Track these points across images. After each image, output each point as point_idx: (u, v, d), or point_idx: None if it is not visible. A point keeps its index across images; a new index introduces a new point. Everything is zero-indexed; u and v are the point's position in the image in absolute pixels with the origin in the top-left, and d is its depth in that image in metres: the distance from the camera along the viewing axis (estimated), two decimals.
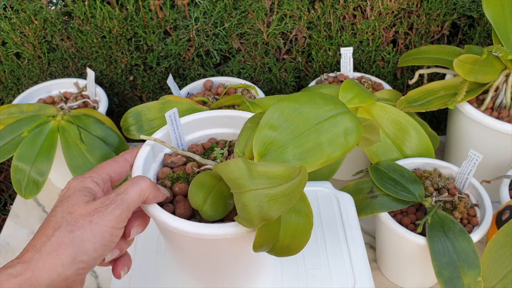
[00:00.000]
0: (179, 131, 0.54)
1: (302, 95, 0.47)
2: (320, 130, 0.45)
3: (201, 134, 0.57)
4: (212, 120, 0.56)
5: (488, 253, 0.55)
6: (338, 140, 0.45)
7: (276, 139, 0.45)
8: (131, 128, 0.75)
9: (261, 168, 0.41)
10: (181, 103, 0.76)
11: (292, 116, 0.46)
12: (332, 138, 0.45)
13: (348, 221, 0.65)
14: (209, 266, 0.53)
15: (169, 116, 0.52)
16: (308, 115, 0.46)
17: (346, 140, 0.45)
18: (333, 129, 0.45)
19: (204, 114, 0.56)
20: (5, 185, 1.10)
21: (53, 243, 0.37)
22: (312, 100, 0.47)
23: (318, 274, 0.59)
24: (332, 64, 0.94)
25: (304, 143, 0.45)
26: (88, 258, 0.37)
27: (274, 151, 0.45)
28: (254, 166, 0.41)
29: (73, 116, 0.76)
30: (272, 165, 0.42)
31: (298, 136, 0.45)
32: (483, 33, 0.90)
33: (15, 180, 0.70)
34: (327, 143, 0.45)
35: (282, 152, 0.45)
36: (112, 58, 0.92)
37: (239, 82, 0.87)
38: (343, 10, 0.88)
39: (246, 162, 0.41)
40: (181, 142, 0.55)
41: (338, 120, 0.46)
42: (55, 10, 0.86)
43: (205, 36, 0.90)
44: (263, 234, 0.42)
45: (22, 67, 0.92)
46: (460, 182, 0.69)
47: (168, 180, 0.50)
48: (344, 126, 0.46)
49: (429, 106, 0.75)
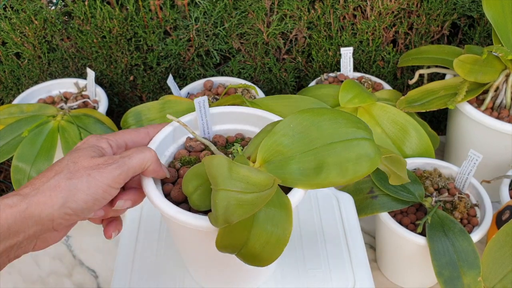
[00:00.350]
0: (206, 118, 0.54)
1: (328, 111, 0.45)
2: (331, 150, 0.43)
3: (230, 127, 0.57)
4: (241, 116, 0.56)
5: (488, 253, 0.55)
6: (346, 166, 0.43)
7: (285, 149, 0.45)
8: (131, 128, 0.75)
9: (243, 171, 0.41)
10: (181, 103, 0.76)
11: (308, 129, 0.45)
12: (340, 162, 0.43)
13: (348, 221, 0.65)
14: (205, 261, 0.53)
15: (198, 102, 0.53)
16: (324, 133, 0.44)
17: (356, 168, 0.43)
18: (344, 153, 0.43)
19: (232, 109, 0.56)
20: (5, 185, 1.10)
21: (51, 184, 0.39)
22: (334, 118, 0.45)
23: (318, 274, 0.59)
24: (332, 64, 0.94)
25: (310, 160, 0.44)
26: (76, 207, 0.39)
27: (279, 160, 0.45)
28: (237, 168, 0.41)
29: (73, 116, 0.76)
30: (256, 171, 0.41)
31: (307, 152, 0.44)
32: (483, 33, 0.90)
33: (15, 180, 0.70)
34: (333, 166, 0.43)
35: (286, 163, 0.44)
36: (112, 58, 0.92)
37: (239, 82, 0.87)
38: (343, 10, 0.88)
39: (229, 162, 0.41)
40: (207, 130, 0.55)
41: (354, 145, 0.44)
42: (55, 10, 0.86)
43: (205, 36, 0.90)
44: (225, 236, 0.42)
45: (22, 67, 0.92)
46: (460, 182, 0.69)
47: (179, 162, 0.51)
48: (358, 152, 0.43)
49: (429, 106, 0.75)
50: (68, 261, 0.76)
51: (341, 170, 0.43)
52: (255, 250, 0.43)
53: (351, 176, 0.43)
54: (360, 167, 0.43)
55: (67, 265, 0.75)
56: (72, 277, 0.74)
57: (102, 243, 0.78)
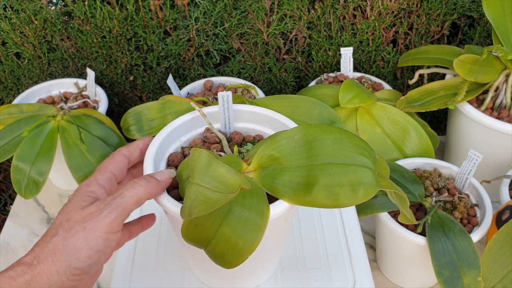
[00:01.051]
0: (229, 113, 0.55)
1: (336, 130, 0.44)
2: (325, 171, 0.42)
3: (251, 127, 0.57)
4: (263, 118, 0.56)
5: (488, 253, 0.55)
6: (336, 190, 0.41)
7: (283, 158, 0.44)
8: (131, 128, 0.75)
9: (221, 170, 0.40)
10: (181, 103, 0.76)
11: (311, 144, 0.44)
12: (332, 185, 0.41)
13: (348, 221, 0.65)
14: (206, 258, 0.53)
15: (222, 96, 0.53)
16: (325, 151, 0.43)
17: (346, 194, 0.41)
18: (338, 176, 0.42)
19: (256, 109, 0.56)
20: (5, 185, 1.10)
21: (50, 249, 0.37)
22: (340, 139, 0.44)
23: (318, 274, 0.59)
24: (332, 64, 0.94)
25: (303, 175, 0.43)
26: (82, 265, 0.38)
27: (273, 169, 0.44)
28: (216, 165, 0.41)
29: (73, 116, 0.76)
30: (233, 173, 0.41)
31: (302, 166, 0.43)
32: (483, 33, 0.90)
33: (15, 180, 0.70)
34: (323, 187, 0.42)
35: (279, 173, 0.44)
36: (112, 58, 0.92)
37: (239, 82, 0.87)
38: (343, 10, 0.88)
39: (209, 158, 0.41)
40: (229, 126, 0.56)
41: (351, 170, 0.42)
42: (55, 10, 0.86)
43: (205, 36, 0.90)
44: (190, 228, 0.42)
45: (22, 67, 0.92)
46: (460, 182, 0.69)
47: (188, 149, 0.52)
48: (353, 179, 0.41)
49: (429, 106, 0.75)
50: None
51: (330, 193, 0.41)
52: (219, 250, 0.42)
53: (340, 201, 0.41)
54: (351, 194, 0.41)
55: None
56: None
57: None
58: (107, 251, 0.39)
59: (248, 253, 0.42)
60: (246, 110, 0.56)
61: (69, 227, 0.38)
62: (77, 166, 0.71)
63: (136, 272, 0.59)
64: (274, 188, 0.43)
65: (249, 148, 0.52)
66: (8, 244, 0.78)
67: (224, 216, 0.42)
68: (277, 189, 0.43)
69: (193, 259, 0.56)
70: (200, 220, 0.42)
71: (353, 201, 0.41)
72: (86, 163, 0.72)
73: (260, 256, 0.53)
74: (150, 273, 0.59)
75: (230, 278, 0.56)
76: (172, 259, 0.60)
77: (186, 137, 0.55)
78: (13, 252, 0.77)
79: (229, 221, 0.42)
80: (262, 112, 0.55)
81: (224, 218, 0.42)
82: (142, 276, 0.58)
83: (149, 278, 0.58)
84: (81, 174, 0.71)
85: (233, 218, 0.42)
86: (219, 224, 0.42)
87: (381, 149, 0.75)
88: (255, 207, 0.42)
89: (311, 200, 0.42)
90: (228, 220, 0.42)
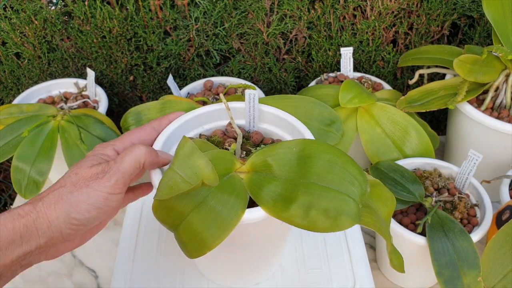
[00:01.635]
0: (254, 112, 0.55)
1: (333, 150, 0.43)
2: (307, 189, 0.41)
3: (275, 131, 0.57)
4: (286, 124, 0.55)
5: (488, 253, 0.55)
6: (311, 213, 0.40)
7: (276, 167, 0.44)
8: (131, 128, 0.75)
9: (200, 162, 0.42)
10: (181, 103, 0.76)
11: (305, 160, 0.44)
12: (308, 205, 0.40)
13: None
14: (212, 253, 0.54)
15: (249, 94, 0.54)
16: (315, 170, 0.43)
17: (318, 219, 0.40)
18: (316, 198, 0.41)
19: (281, 114, 0.56)
20: (5, 185, 1.10)
21: (55, 196, 0.41)
22: (333, 162, 0.43)
23: (318, 274, 0.59)
24: (332, 64, 0.94)
25: (288, 189, 0.42)
26: (81, 217, 0.41)
27: (264, 175, 0.44)
28: (197, 157, 0.42)
29: (73, 116, 0.76)
30: (210, 167, 0.41)
31: (290, 180, 0.43)
32: (483, 33, 0.90)
33: (15, 180, 0.70)
34: (300, 206, 0.41)
35: (267, 182, 0.44)
36: (112, 58, 0.92)
37: (239, 82, 0.87)
38: (343, 10, 0.88)
39: (193, 149, 0.42)
40: (253, 124, 0.56)
41: (331, 197, 0.41)
42: (55, 10, 0.86)
43: (205, 36, 0.90)
44: (159, 209, 0.44)
45: (22, 67, 0.92)
46: (460, 182, 0.69)
47: (205, 138, 0.54)
48: (330, 206, 0.40)
49: (429, 106, 0.75)
50: (68, 261, 0.76)
51: (304, 214, 0.40)
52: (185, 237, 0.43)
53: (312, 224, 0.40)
54: (324, 220, 0.40)
55: (67, 265, 0.75)
56: (72, 277, 0.74)
57: (102, 243, 0.78)
58: (106, 210, 0.42)
59: (207, 248, 0.42)
60: (270, 111, 0.56)
61: (76, 181, 0.42)
62: None
63: (136, 272, 0.59)
64: (257, 194, 0.43)
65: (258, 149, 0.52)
66: None
67: (196, 206, 0.43)
68: (260, 196, 0.43)
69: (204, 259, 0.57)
70: (169, 203, 0.43)
71: (326, 227, 0.40)
72: None
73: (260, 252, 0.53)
74: (150, 272, 0.59)
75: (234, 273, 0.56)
76: (172, 259, 0.60)
77: (209, 126, 0.56)
78: None
79: (200, 211, 0.43)
80: (284, 117, 0.55)
81: (196, 207, 0.43)
82: (142, 276, 0.58)
83: (149, 278, 0.58)
84: None
85: (204, 209, 0.43)
86: (189, 211, 0.43)
87: (381, 149, 0.75)
88: (230, 206, 0.43)
89: (287, 217, 0.41)
90: (198, 210, 0.43)
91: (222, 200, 0.43)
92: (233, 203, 0.43)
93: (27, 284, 0.72)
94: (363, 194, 0.42)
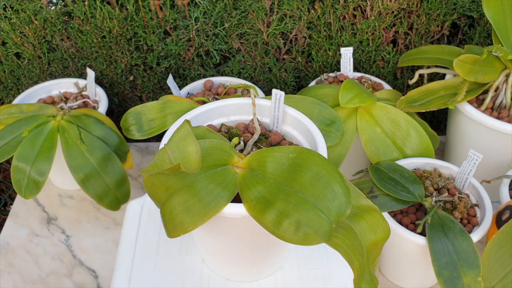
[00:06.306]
0: (278, 113, 0.56)
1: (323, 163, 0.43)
2: (286, 197, 0.42)
3: (295, 134, 0.57)
4: (301, 127, 0.56)
5: (488, 253, 0.55)
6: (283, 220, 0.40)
7: (271, 169, 0.45)
8: (131, 128, 0.75)
9: (191, 148, 0.43)
10: (181, 103, 0.76)
11: (296, 168, 0.44)
12: (282, 212, 0.41)
13: None
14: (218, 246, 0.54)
15: (275, 94, 0.54)
16: (301, 179, 0.43)
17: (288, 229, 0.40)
18: (292, 208, 0.41)
19: (303, 119, 0.56)
20: (5, 185, 1.10)
21: None
22: (322, 177, 0.43)
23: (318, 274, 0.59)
24: (332, 64, 0.94)
25: (272, 192, 0.43)
26: None
27: (257, 174, 0.45)
28: (190, 142, 0.43)
29: (73, 116, 0.76)
30: (198, 156, 0.42)
31: (277, 184, 0.43)
32: (483, 33, 0.90)
33: (15, 180, 0.70)
34: (276, 212, 0.41)
35: (258, 181, 0.44)
36: (112, 58, 0.92)
37: (239, 82, 0.87)
38: (343, 10, 0.88)
39: (187, 134, 0.44)
40: (276, 124, 0.57)
41: (304, 208, 0.41)
42: (55, 10, 0.86)
43: (205, 36, 0.90)
44: (148, 184, 0.46)
45: (22, 67, 0.92)
46: (460, 182, 0.69)
47: (226, 128, 0.55)
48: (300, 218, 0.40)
49: (429, 106, 0.75)
50: (68, 261, 0.76)
51: (277, 221, 0.41)
52: (166, 216, 0.44)
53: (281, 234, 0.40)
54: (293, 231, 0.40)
55: (67, 265, 0.75)
56: (72, 277, 0.74)
57: (102, 243, 0.78)
58: None
59: (183, 231, 0.43)
60: (292, 114, 0.56)
61: None
62: (77, 166, 0.71)
63: (136, 272, 0.59)
64: (245, 191, 0.44)
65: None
66: (8, 244, 0.78)
67: (181, 188, 0.44)
68: (247, 194, 0.44)
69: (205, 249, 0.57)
70: (155, 181, 0.45)
71: (293, 239, 0.40)
72: (86, 163, 0.72)
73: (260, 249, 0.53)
74: (150, 272, 0.59)
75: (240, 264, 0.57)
76: (172, 259, 0.60)
77: (235, 118, 0.57)
78: (13, 252, 0.77)
79: (184, 193, 0.44)
80: (302, 120, 0.55)
81: (181, 189, 0.44)
82: (142, 276, 0.58)
83: (149, 278, 0.58)
84: (81, 174, 0.71)
85: (188, 192, 0.44)
86: (173, 191, 0.44)
87: (381, 149, 0.75)
88: (214, 195, 0.43)
89: (262, 221, 0.41)
90: (183, 192, 0.44)
91: (208, 188, 0.44)
92: (217, 194, 0.43)
93: (27, 284, 0.72)
94: (340, 214, 0.41)
